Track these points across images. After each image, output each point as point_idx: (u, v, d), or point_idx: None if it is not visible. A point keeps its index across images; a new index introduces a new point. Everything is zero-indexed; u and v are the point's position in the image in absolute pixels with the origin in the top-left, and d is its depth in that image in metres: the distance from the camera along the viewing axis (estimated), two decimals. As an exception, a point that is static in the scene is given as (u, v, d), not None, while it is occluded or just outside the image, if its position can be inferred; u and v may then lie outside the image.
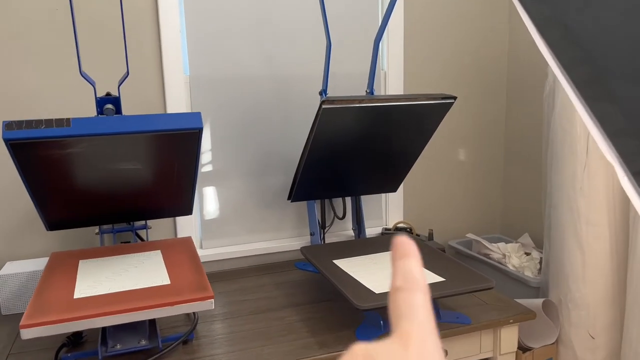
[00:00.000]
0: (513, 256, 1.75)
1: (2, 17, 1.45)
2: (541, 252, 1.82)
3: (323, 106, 1.27)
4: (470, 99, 2.05)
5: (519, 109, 2.03)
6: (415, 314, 0.27)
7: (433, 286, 1.24)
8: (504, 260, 1.75)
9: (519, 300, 1.45)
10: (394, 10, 1.85)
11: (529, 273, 1.69)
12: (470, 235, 1.91)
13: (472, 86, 2.04)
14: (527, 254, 1.81)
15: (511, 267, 1.72)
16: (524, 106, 2.00)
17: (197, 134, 1.14)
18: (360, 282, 1.28)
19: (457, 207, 2.10)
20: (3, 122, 1.00)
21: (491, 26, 2.03)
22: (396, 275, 0.29)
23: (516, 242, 1.86)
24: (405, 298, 0.28)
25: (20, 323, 0.97)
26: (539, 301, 1.44)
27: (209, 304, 1.09)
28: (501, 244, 1.82)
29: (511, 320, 1.34)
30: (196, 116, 1.13)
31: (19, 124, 1.01)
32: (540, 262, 1.76)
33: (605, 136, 0.53)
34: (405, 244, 0.31)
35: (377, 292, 1.21)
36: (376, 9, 1.86)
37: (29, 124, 1.01)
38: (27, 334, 0.97)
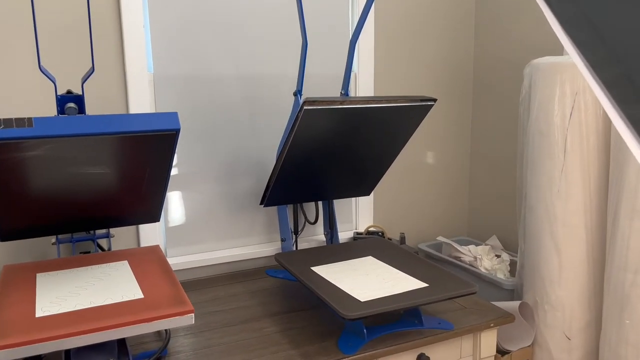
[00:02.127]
0: (484, 259, 1.75)
1: (-56, 5, 1.31)
2: (511, 254, 1.84)
3: (304, 107, 1.21)
4: (438, 102, 2.05)
5: (485, 111, 2.05)
6: None
7: (417, 292, 1.22)
8: (475, 263, 1.76)
9: (495, 303, 1.45)
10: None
11: (501, 275, 1.70)
12: (441, 238, 1.91)
13: (440, 88, 2.05)
14: (498, 256, 1.83)
15: (483, 270, 1.73)
16: (490, 108, 2.02)
17: (173, 135, 1.06)
18: (343, 289, 1.23)
19: (427, 209, 2.09)
20: (-46, 121, 0.89)
21: (458, 28, 2.04)
22: None
23: (485, 245, 1.87)
24: None
25: (-24, 347, 0.86)
26: (515, 304, 1.45)
27: (189, 319, 1.01)
28: (471, 247, 1.83)
29: (492, 324, 1.33)
30: (173, 116, 1.05)
31: (-27, 124, 0.90)
32: (511, 264, 1.78)
33: None
34: None
35: (362, 300, 1.17)
36: (346, 8, 1.82)
37: (-15, 123, 0.90)
38: (-16, 359, 0.86)
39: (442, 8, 2.00)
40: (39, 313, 0.99)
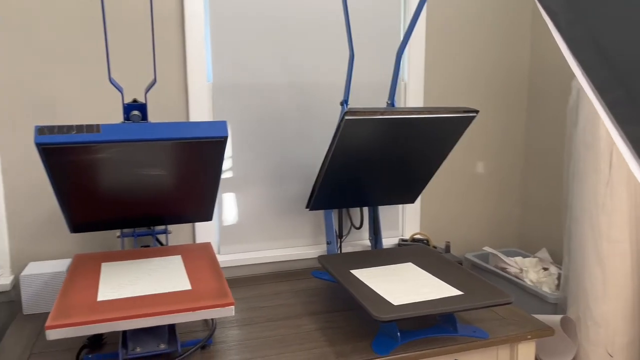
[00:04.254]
0: (530, 271, 1.74)
1: (35, 26, 1.48)
2: (559, 268, 1.81)
3: (346, 117, 1.28)
4: (490, 111, 2.05)
5: (540, 122, 2.02)
6: None
7: (451, 300, 1.24)
8: (521, 275, 1.75)
9: (536, 316, 1.44)
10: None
11: (546, 289, 1.68)
12: (487, 249, 1.90)
13: (493, 98, 2.04)
14: (545, 269, 1.80)
15: (528, 282, 1.71)
16: (545, 119, 2.00)
17: (222, 142, 1.16)
18: (378, 293, 1.28)
19: (475, 219, 2.09)
20: (35, 126, 1.03)
21: (513, 38, 2.03)
22: None
23: (534, 257, 1.85)
24: None
25: (46, 324, 0.99)
26: (557, 317, 1.43)
27: (229, 311, 1.10)
28: (518, 258, 1.82)
29: (529, 336, 1.33)
30: (222, 125, 1.14)
31: (51, 129, 1.03)
32: (559, 278, 1.75)
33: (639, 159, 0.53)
34: None
35: (395, 304, 1.21)
36: (398, 19, 1.87)
37: (61, 129, 1.03)
38: (52, 334, 0.99)
39: (496, 17, 1.99)
40: (100, 297, 1.11)
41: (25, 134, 1.52)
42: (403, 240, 1.92)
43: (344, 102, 1.61)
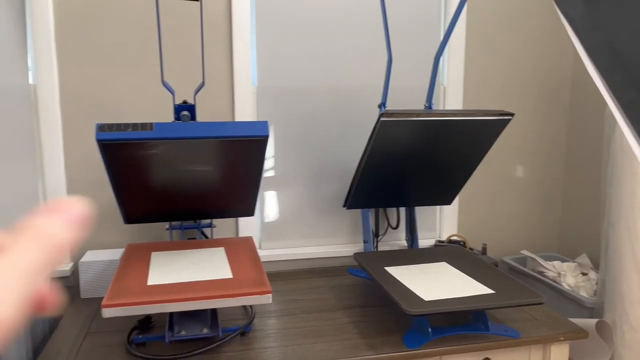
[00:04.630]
0: (568, 275, 1.73)
1: (97, 34, 1.62)
2: (598, 273, 1.79)
3: (381, 119, 1.33)
4: (530, 114, 2.04)
5: (582, 125, 2.00)
6: (31, 227, 0.25)
7: (481, 297, 1.27)
8: (558, 279, 1.74)
9: (571, 320, 1.44)
10: (456, 25, 1.90)
11: (584, 293, 1.67)
12: (525, 252, 1.90)
13: (533, 101, 2.04)
14: (584, 274, 1.78)
15: (566, 286, 1.70)
16: (587, 123, 1.98)
17: (263, 141, 1.23)
18: (410, 288, 1.32)
19: (513, 223, 2.09)
20: (96, 124, 1.13)
21: (555, 42, 2.02)
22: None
23: (573, 262, 1.84)
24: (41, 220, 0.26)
25: (102, 303, 1.09)
26: (592, 321, 1.43)
27: (267, 298, 1.17)
28: (556, 263, 1.81)
29: (562, 338, 1.34)
30: (263, 124, 1.22)
31: (110, 127, 1.14)
32: (597, 283, 1.73)
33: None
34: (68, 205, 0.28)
35: (426, 299, 1.25)
36: (438, 23, 1.91)
37: (119, 126, 1.14)
38: (107, 313, 1.09)
39: (538, 20, 1.99)
40: (149, 282, 1.21)
41: (86, 133, 1.65)
42: (440, 241, 1.94)
43: (382, 104, 1.66)
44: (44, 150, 1.62)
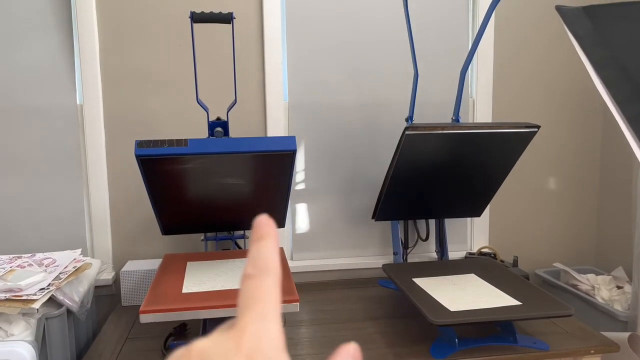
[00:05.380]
0: (603, 289, 1.70)
1: (136, 54, 1.72)
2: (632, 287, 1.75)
3: (406, 132, 1.36)
4: (563, 126, 2.03)
5: (617, 137, 1.98)
6: (257, 305, 0.24)
7: (509, 309, 1.27)
8: (592, 292, 1.71)
9: (603, 333, 1.42)
10: (484, 38, 1.92)
11: (618, 307, 1.64)
12: (558, 265, 1.88)
13: (566, 112, 2.02)
14: (620, 287, 1.75)
15: (600, 300, 1.67)
16: (622, 135, 1.95)
17: (291, 155, 1.29)
18: (437, 299, 1.34)
19: (546, 236, 2.07)
20: (135, 141, 1.21)
21: (587, 54, 2.01)
22: (249, 261, 0.26)
23: (608, 275, 1.80)
24: (253, 286, 0.25)
25: (140, 309, 1.16)
26: (624, 334, 1.40)
27: (295, 307, 1.21)
28: (591, 276, 1.78)
29: (592, 351, 1.32)
30: (291, 139, 1.27)
31: (148, 143, 1.21)
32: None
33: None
34: (264, 225, 0.27)
35: (452, 310, 1.27)
36: (466, 38, 1.93)
37: (156, 143, 1.21)
38: (145, 318, 1.16)
39: (566, 33, 1.99)
40: (184, 290, 1.27)
41: (127, 150, 1.75)
42: (470, 253, 1.94)
43: (409, 118, 1.69)
44: (88, 166, 1.72)
